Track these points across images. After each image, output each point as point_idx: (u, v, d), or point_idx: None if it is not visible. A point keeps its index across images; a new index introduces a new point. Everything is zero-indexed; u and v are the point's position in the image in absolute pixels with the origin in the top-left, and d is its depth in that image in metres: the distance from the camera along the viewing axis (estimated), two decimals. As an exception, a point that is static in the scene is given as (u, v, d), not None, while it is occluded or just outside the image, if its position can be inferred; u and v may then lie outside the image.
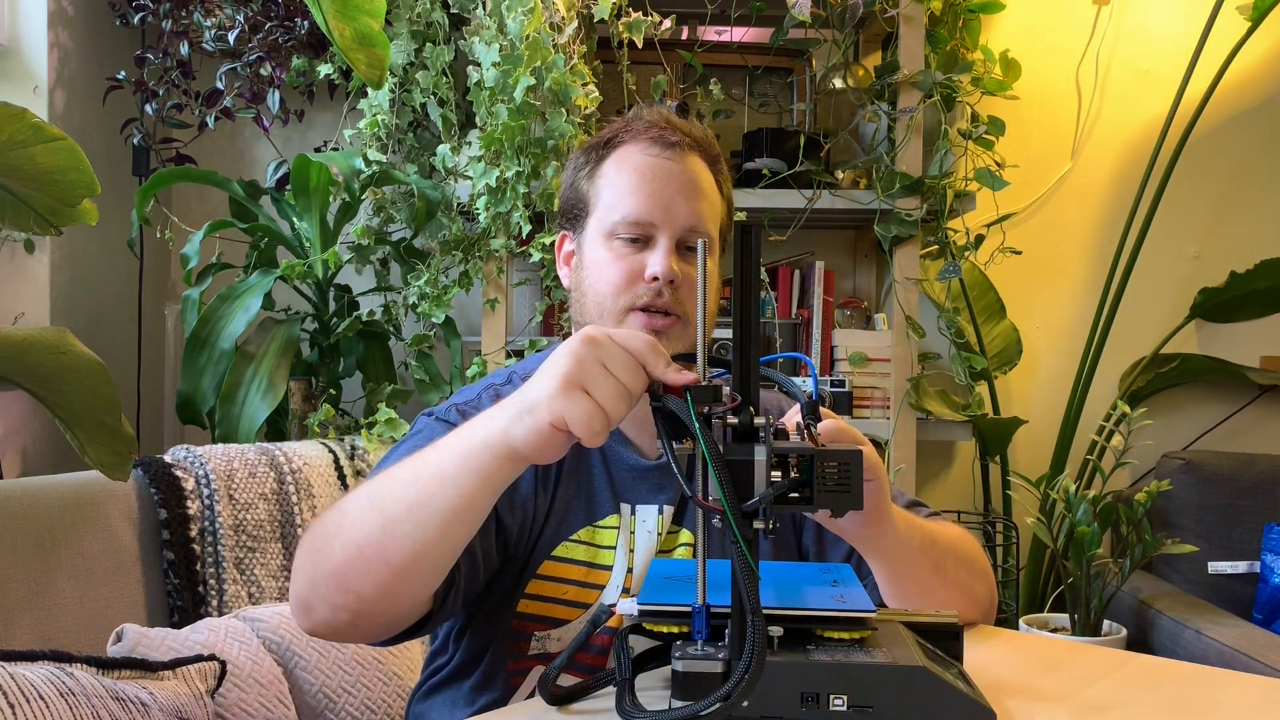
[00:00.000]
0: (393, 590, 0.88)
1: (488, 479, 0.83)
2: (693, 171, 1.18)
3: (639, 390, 0.78)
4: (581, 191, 1.21)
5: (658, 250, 1.14)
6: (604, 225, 1.17)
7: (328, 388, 2.18)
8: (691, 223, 1.15)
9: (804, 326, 2.37)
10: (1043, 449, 2.54)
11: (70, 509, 1.47)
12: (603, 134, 1.23)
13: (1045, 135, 2.66)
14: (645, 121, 1.19)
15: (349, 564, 0.87)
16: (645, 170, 1.16)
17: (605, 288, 1.15)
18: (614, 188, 1.17)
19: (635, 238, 1.15)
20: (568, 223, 1.24)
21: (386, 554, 0.85)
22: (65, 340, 1.28)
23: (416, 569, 0.87)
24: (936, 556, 1.07)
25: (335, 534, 0.88)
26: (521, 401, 0.80)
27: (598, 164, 1.20)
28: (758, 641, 0.69)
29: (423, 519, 0.84)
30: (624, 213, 1.15)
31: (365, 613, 0.90)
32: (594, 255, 1.18)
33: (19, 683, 1.03)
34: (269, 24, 2.17)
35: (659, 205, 1.14)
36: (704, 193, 1.18)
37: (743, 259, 0.77)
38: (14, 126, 1.18)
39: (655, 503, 1.17)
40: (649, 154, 1.17)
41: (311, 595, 0.91)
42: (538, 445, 0.79)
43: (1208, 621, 1.98)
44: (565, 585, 1.13)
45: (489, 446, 0.81)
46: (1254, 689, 0.92)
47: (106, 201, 1.58)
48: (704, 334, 0.79)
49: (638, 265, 1.14)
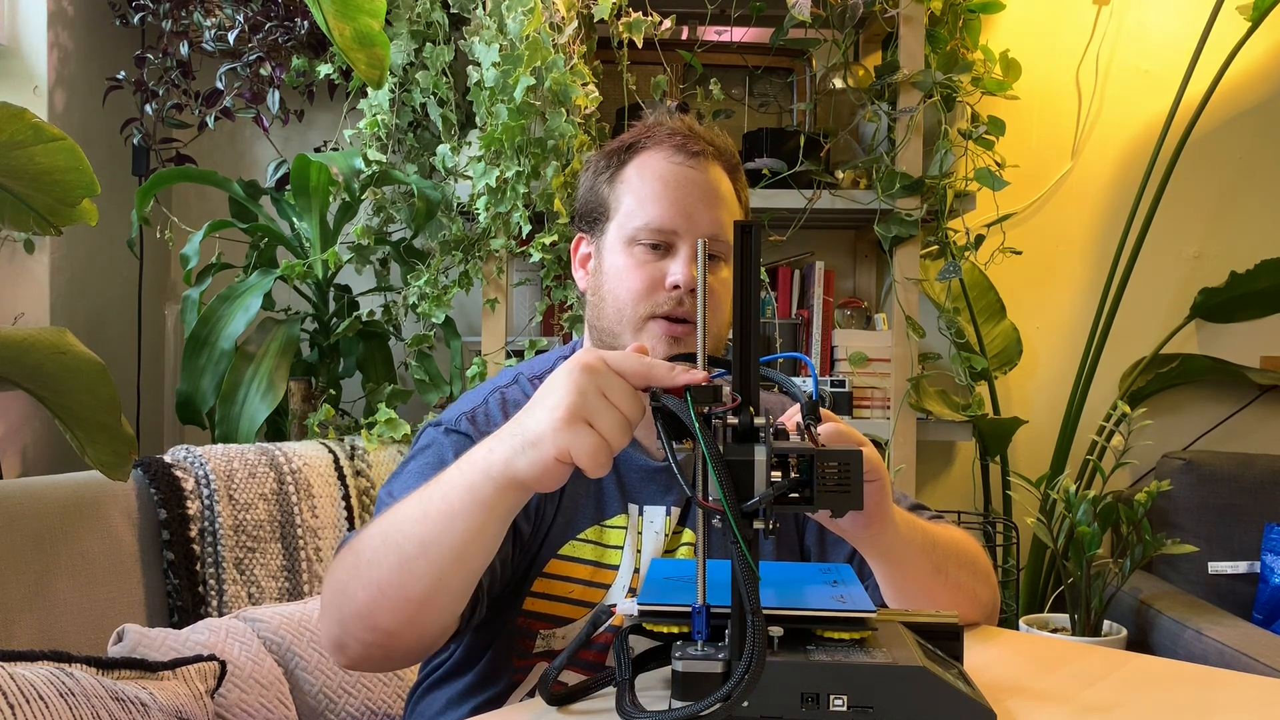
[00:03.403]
0: (418, 621, 0.90)
1: (493, 509, 0.84)
2: (714, 180, 1.18)
3: (639, 418, 0.79)
4: (602, 196, 1.21)
5: (679, 258, 1.14)
6: (625, 231, 1.17)
7: (328, 388, 2.18)
8: (713, 231, 1.15)
9: (804, 326, 2.36)
10: (1043, 449, 2.54)
11: (70, 509, 1.47)
12: (624, 138, 1.23)
13: (1045, 135, 2.66)
14: (668, 129, 1.20)
15: (373, 603, 0.89)
16: (669, 178, 1.16)
17: (626, 294, 1.15)
18: (636, 194, 1.17)
19: (656, 244, 1.15)
20: (586, 226, 1.24)
21: (407, 591, 0.87)
22: (65, 340, 1.28)
23: (438, 599, 0.89)
24: (938, 558, 1.07)
25: (355, 575, 0.91)
26: (523, 434, 0.80)
27: (619, 169, 1.20)
28: (758, 641, 0.69)
29: (436, 555, 0.86)
30: (646, 219, 1.15)
31: (395, 645, 0.92)
32: (614, 261, 1.17)
33: (19, 683, 1.03)
34: (269, 24, 2.17)
35: (682, 213, 1.15)
36: (725, 201, 1.18)
37: (743, 259, 0.77)
38: (14, 126, 1.18)
39: (663, 504, 1.17)
40: (673, 161, 1.17)
41: (343, 635, 0.93)
42: (541, 477, 0.80)
43: (1208, 621, 1.98)
44: (572, 584, 1.14)
45: (491, 479, 0.82)
46: (1254, 689, 0.92)
47: (106, 201, 1.58)
48: (703, 334, 0.79)
49: (659, 273, 1.14)
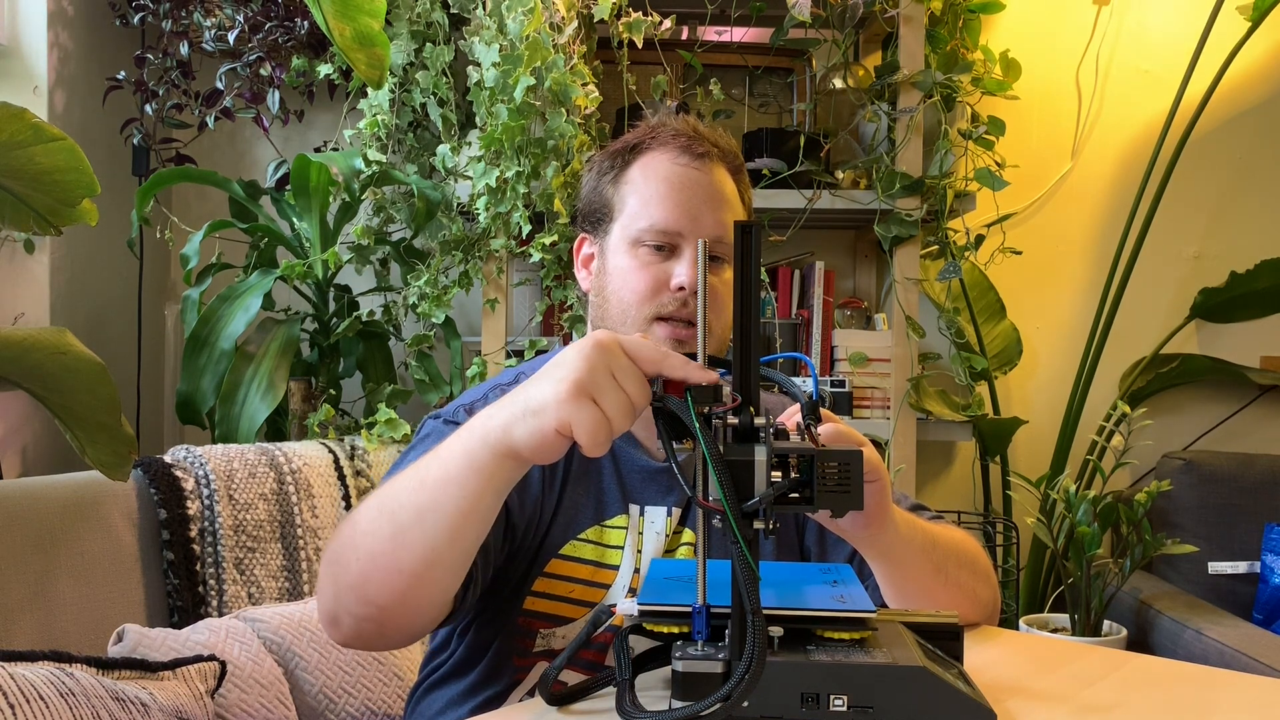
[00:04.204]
0: (410, 597, 0.88)
1: (490, 478, 0.82)
2: (719, 182, 1.18)
3: (644, 404, 0.77)
4: (605, 196, 1.20)
5: (683, 260, 1.14)
6: (629, 232, 1.17)
7: (328, 388, 2.18)
8: (717, 233, 1.15)
9: (804, 326, 2.36)
10: (1043, 449, 2.54)
11: (70, 509, 1.47)
12: (627, 139, 1.22)
13: (1045, 135, 2.66)
14: (672, 129, 1.19)
15: (365, 575, 0.88)
16: (673, 179, 1.16)
17: (630, 295, 1.15)
18: (640, 195, 1.17)
19: (661, 246, 1.15)
20: (589, 226, 1.24)
21: (399, 563, 0.86)
22: (65, 340, 1.28)
23: (430, 574, 0.87)
24: (939, 558, 1.07)
25: (350, 546, 0.89)
26: (526, 401, 0.78)
27: (623, 169, 1.20)
28: (758, 642, 0.69)
29: (431, 524, 0.84)
30: (651, 221, 1.15)
31: (388, 621, 0.90)
32: (618, 262, 1.17)
33: (19, 683, 1.03)
34: (269, 24, 2.17)
35: (686, 215, 1.15)
36: (729, 203, 1.18)
37: (743, 259, 0.77)
38: (14, 126, 1.18)
39: (664, 504, 1.17)
40: (678, 163, 1.17)
41: (336, 608, 0.92)
42: (539, 447, 0.78)
43: (1208, 621, 1.98)
44: (572, 584, 1.14)
45: (488, 445, 0.80)
46: (1254, 689, 0.92)
47: (106, 201, 1.58)
48: (704, 335, 0.79)
49: (663, 274, 1.14)
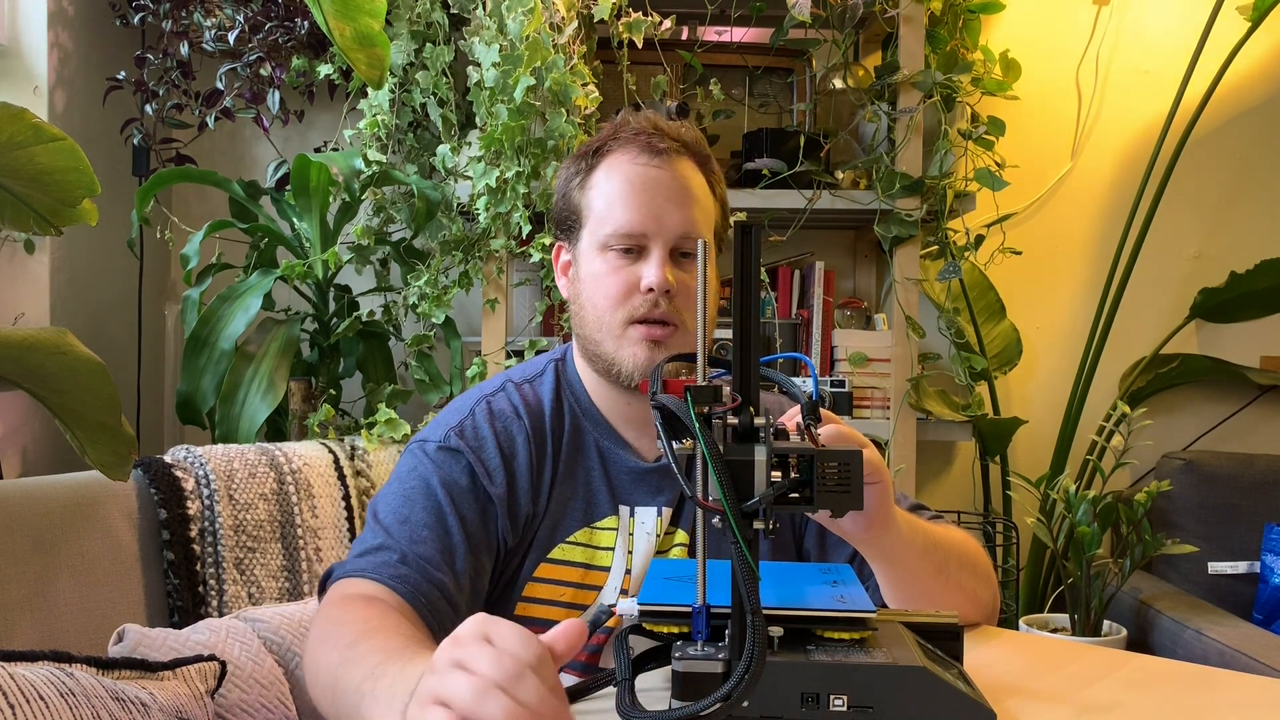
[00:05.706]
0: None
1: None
2: (683, 177, 1.16)
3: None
4: (574, 202, 1.20)
5: (651, 261, 1.13)
6: (597, 237, 1.16)
7: (328, 388, 2.18)
8: (684, 230, 1.14)
9: (804, 326, 2.36)
10: (1043, 449, 2.54)
11: (70, 509, 1.47)
12: (591, 142, 1.21)
13: (1045, 135, 2.66)
14: (633, 129, 1.18)
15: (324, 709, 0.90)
16: (634, 179, 1.15)
17: (603, 301, 1.14)
18: (604, 198, 1.16)
19: (628, 248, 1.14)
20: (563, 233, 1.23)
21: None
22: (65, 340, 1.28)
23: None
24: (939, 559, 1.07)
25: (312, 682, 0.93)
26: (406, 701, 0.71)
27: (588, 174, 1.19)
28: (758, 642, 0.68)
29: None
30: (615, 225, 1.14)
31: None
32: (589, 268, 1.17)
33: (19, 683, 1.02)
34: (269, 24, 2.17)
35: (650, 215, 1.13)
36: (695, 198, 1.16)
37: (743, 259, 0.76)
38: (14, 127, 1.18)
39: (654, 504, 1.17)
40: (637, 163, 1.15)
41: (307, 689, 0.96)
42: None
43: (1208, 621, 1.98)
44: (563, 587, 1.14)
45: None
46: (1254, 689, 0.92)
47: (106, 201, 1.58)
48: (704, 336, 0.79)
49: (632, 277, 1.13)
